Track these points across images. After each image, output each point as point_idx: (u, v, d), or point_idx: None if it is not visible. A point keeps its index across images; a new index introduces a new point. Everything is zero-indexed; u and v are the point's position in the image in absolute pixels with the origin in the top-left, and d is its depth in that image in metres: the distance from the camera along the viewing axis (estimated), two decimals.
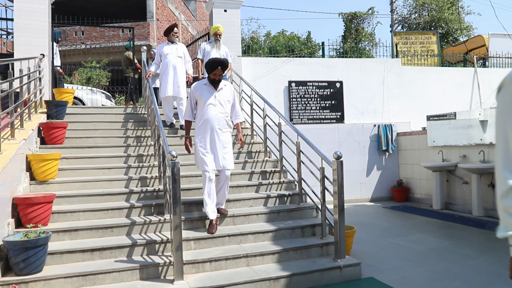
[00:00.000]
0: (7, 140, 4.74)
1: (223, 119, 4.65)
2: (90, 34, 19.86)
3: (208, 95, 4.61)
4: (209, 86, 4.66)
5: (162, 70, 6.84)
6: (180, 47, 7.02)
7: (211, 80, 4.65)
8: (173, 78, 6.77)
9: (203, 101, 4.60)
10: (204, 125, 4.58)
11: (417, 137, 9.13)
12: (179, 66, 6.85)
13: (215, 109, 4.59)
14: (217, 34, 7.28)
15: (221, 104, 4.64)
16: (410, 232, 6.35)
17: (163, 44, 6.98)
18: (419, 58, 11.29)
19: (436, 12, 18.20)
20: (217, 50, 7.27)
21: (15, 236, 3.69)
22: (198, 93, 4.65)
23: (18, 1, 7.42)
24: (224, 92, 4.72)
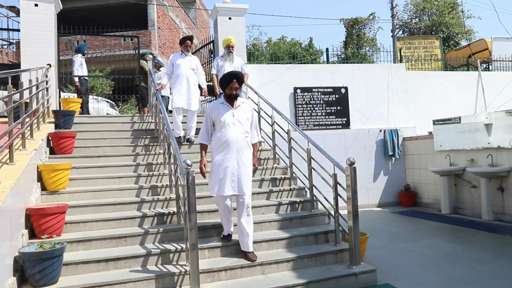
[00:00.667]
0: (18, 150, 4.73)
1: (243, 140, 4.28)
2: (92, 43, 19.92)
3: (225, 114, 4.25)
4: (226, 104, 4.30)
5: (175, 81, 6.67)
6: (194, 59, 6.87)
7: (228, 96, 4.31)
8: (186, 90, 6.60)
9: (220, 121, 4.23)
10: (223, 147, 4.22)
11: (423, 142, 9.12)
12: (192, 78, 6.68)
13: (234, 128, 4.23)
14: (230, 46, 7.08)
15: (240, 123, 4.27)
16: (421, 237, 6.32)
17: (176, 54, 6.83)
18: (422, 63, 11.31)
19: (437, 16, 18.29)
20: (231, 63, 7.08)
21: (30, 247, 3.67)
22: (215, 113, 4.29)
23: (24, 12, 7.46)
24: (243, 110, 4.36)
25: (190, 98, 6.61)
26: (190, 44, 6.82)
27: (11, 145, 4.24)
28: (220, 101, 4.39)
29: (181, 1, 26.44)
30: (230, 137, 4.21)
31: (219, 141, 4.25)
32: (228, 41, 7.10)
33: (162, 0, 21.32)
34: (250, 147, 4.37)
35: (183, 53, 6.79)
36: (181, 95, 6.56)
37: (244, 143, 4.28)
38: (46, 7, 7.60)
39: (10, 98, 4.43)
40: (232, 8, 8.67)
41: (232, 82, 4.26)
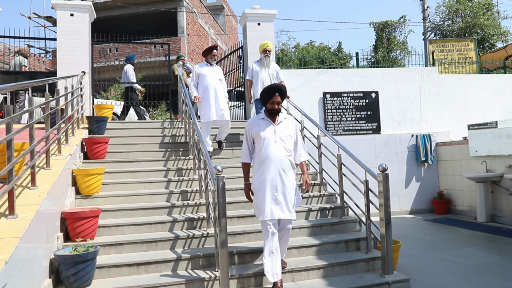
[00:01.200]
0: (54, 155, 4.87)
1: (286, 159, 3.91)
2: (123, 51, 20.43)
3: (266, 130, 3.91)
4: (267, 120, 3.97)
5: (202, 92, 6.48)
6: (219, 70, 6.78)
7: (269, 111, 3.95)
8: (215, 102, 6.43)
9: (261, 138, 3.91)
10: (264, 167, 3.88)
11: (457, 147, 8.84)
12: (220, 89, 6.53)
13: (276, 147, 3.88)
14: (266, 50, 6.97)
15: (282, 140, 3.92)
16: (456, 246, 6.10)
17: (201, 65, 6.67)
18: (456, 66, 10.99)
19: (471, 18, 17.76)
20: (266, 69, 6.94)
21: (65, 250, 3.76)
22: (255, 129, 3.97)
23: (61, 22, 7.73)
24: (285, 126, 4.00)
25: (221, 109, 6.45)
26: (216, 53, 6.73)
27: (48, 150, 4.38)
28: (260, 116, 4.05)
29: (210, 8, 26.80)
30: (271, 156, 3.86)
31: (260, 160, 3.93)
32: (265, 45, 7.01)
33: (192, 7, 21.66)
34: (293, 167, 4.00)
35: (209, 63, 6.64)
36: (211, 108, 6.38)
37: (287, 162, 3.91)
38: (81, 17, 7.85)
39: (47, 105, 4.57)
40: (261, 14, 8.69)
41: (274, 96, 3.89)
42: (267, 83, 6.78)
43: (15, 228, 2.88)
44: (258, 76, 6.90)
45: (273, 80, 6.93)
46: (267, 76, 6.92)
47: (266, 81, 6.84)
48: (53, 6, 7.79)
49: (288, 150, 3.96)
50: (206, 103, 6.41)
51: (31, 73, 8.76)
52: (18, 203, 3.28)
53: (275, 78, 7.00)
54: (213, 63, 6.66)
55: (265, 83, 6.78)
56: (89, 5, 7.96)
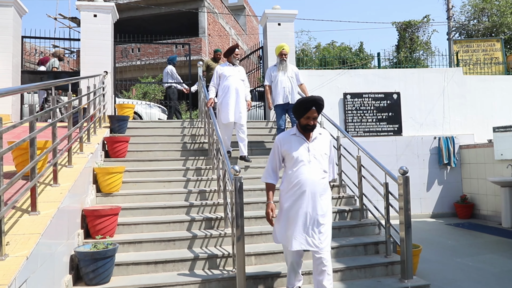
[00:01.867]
0: (76, 154, 4.96)
1: (321, 182, 3.43)
2: (145, 51, 20.71)
3: (299, 149, 3.44)
4: (299, 137, 3.48)
5: (223, 93, 6.28)
6: (242, 70, 6.56)
7: (303, 127, 3.45)
8: (235, 103, 6.22)
9: (292, 158, 3.43)
10: (295, 190, 3.41)
11: (482, 150, 8.61)
12: (241, 90, 6.33)
13: (310, 167, 3.40)
14: (282, 54, 6.64)
15: (317, 160, 3.44)
16: (480, 251, 5.94)
17: (223, 65, 6.50)
18: (482, 67, 10.71)
19: (498, 17, 17.28)
20: (284, 73, 6.64)
21: (85, 247, 3.82)
22: (286, 147, 3.50)
23: (84, 23, 7.87)
24: (320, 143, 3.51)
25: (240, 111, 6.24)
26: (238, 52, 6.51)
27: (70, 148, 4.47)
28: (291, 131, 3.57)
29: (231, 8, 26.89)
30: (304, 178, 3.39)
31: (290, 182, 3.45)
32: (280, 48, 6.68)
33: (213, 7, 21.78)
34: (329, 190, 3.54)
35: (231, 63, 6.46)
36: (230, 108, 6.16)
37: (322, 186, 3.43)
38: (104, 17, 7.99)
39: (69, 104, 4.66)
40: (281, 14, 8.67)
41: (310, 111, 3.36)
42: (287, 87, 6.58)
43: (37, 225, 2.94)
44: (277, 81, 6.63)
45: (294, 83, 6.69)
46: (286, 80, 6.62)
47: (286, 85, 6.59)
48: (77, 7, 7.96)
49: (323, 171, 3.47)
50: (225, 104, 6.21)
51: (55, 73, 8.96)
52: (40, 200, 3.35)
53: (295, 81, 6.74)
54: (236, 62, 6.47)
55: (286, 88, 6.58)
56: (112, 6, 8.09)
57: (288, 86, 6.61)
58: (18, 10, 8.02)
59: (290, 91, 6.62)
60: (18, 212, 3.14)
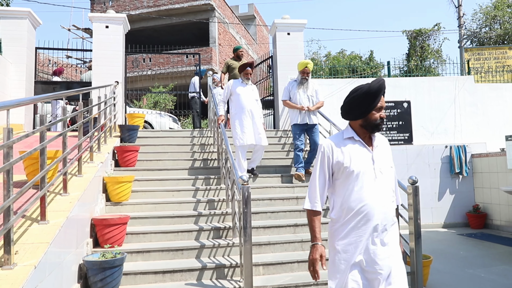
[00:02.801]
0: (86, 163, 5.02)
1: (391, 208, 2.35)
2: (157, 61, 20.96)
3: (360, 159, 2.34)
4: (359, 142, 2.39)
5: (237, 114, 5.98)
6: (255, 89, 6.29)
7: (373, 125, 2.37)
8: (252, 124, 5.94)
9: (351, 173, 2.31)
10: (357, 221, 2.28)
11: (494, 159, 8.49)
12: (256, 110, 6.05)
13: (377, 187, 2.31)
14: (305, 72, 6.25)
15: (383, 175, 2.35)
16: (493, 263, 5.83)
17: (236, 82, 6.19)
18: (493, 75, 10.61)
19: (510, 24, 17.14)
20: (305, 91, 6.30)
21: (93, 256, 3.85)
22: (339, 156, 2.36)
23: (97, 34, 8.01)
24: (384, 151, 2.45)
25: (259, 133, 5.96)
26: (250, 71, 6.15)
27: (80, 158, 4.52)
28: (346, 134, 2.44)
29: (242, 18, 27.12)
30: (370, 203, 2.27)
31: (347, 209, 2.31)
32: (304, 65, 6.25)
33: (224, 17, 21.99)
34: (397, 223, 2.45)
35: (243, 82, 6.16)
36: (247, 131, 5.87)
37: (391, 214, 2.35)
38: (116, 29, 8.12)
39: (80, 114, 4.73)
40: (290, 23, 8.71)
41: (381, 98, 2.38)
42: (302, 102, 6.28)
43: (46, 234, 2.98)
44: (296, 99, 6.27)
45: (312, 102, 6.34)
46: (305, 99, 6.28)
47: (304, 104, 6.27)
48: (90, 19, 8.10)
49: (392, 191, 2.41)
50: (241, 126, 5.91)
51: (67, 83, 9.10)
52: (50, 209, 3.39)
53: (314, 100, 6.37)
54: (248, 82, 6.16)
55: (300, 103, 6.28)
56: (124, 18, 8.23)
57: (306, 104, 6.30)
58: (33, 22, 8.20)
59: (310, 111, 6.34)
60: (28, 221, 3.19)
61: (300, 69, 6.29)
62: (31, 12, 7.99)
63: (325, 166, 2.40)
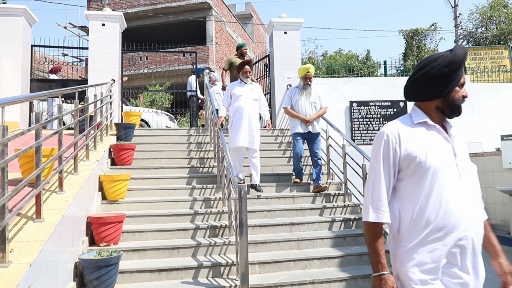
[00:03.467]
0: (82, 161, 5.00)
1: (481, 219, 1.80)
2: (153, 59, 20.91)
3: (439, 150, 1.75)
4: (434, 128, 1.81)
5: (234, 115, 5.74)
6: (255, 88, 5.94)
7: (453, 106, 1.82)
8: (248, 127, 5.64)
9: (429, 170, 1.72)
10: (441, 240, 1.69)
11: (490, 158, 8.53)
12: (254, 112, 5.77)
13: (463, 190, 1.73)
14: (307, 77, 6.04)
15: (468, 175, 1.78)
16: (488, 261, 5.84)
17: (234, 83, 5.97)
18: (489, 74, 10.65)
19: (506, 25, 17.22)
20: (307, 97, 6.02)
21: (89, 254, 3.83)
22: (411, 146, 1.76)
23: (93, 32, 7.98)
24: (462, 144, 1.87)
25: (253, 135, 5.67)
26: (249, 69, 5.87)
27: (75, 156, 4.50)
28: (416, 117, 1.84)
29: (239, 17, 27.10)
30: (457, 213, 1.68)
31: (426, 221, 1.70)
32: (305, 70, 6.04)
33: (220, 16, 21.96)
34: None
35: (242, 81, 5.88)
36: (241, 132, 5.60)
37: (482, 226, 1.77)
38: (112, 27, 8.09)
39: (76, 112, 4.71)
40: (287, 22, 8.71)
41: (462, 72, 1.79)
42: (308, 114, 5.96)
43: (41, 232, 2.96)
44: (298, 106, 5.99)
45: (314, 110, 6.06)
46: (308, 106, 6.00)
47: (307, 111, 5.98)
48: (86, 17, 8.07)
49: (478, 197, 1.80)
50: (237, 127, 5.64)
51: (63, 81, 9.07)
52: (45, 207, 3.38)
53: (317, 107, 6.10)
54: (247, 80, 5.88)
55: (307, 114, 5.96)
56: (120, 16, 8.20)
57: (310, 113, 6.01)
58: (28, 19, 8.15)
59: (310, 116, 6.03)
60: (23, 219, 3.17)
61: (302, 74, 6.08)
62: (27, 10, 7.95)
63: (391, 161, 1.77)
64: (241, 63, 5.87)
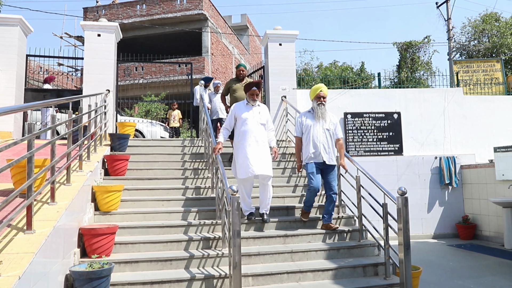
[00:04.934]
0: (75, 171, 4.97)
1: None
2: (149, 69, 20.96)
3: None
4: None
5: (241, 141, 5.17)
6: (263, 111, 5.36)
7: None
8: (256, 153, 5.05)
9: None
10: None
11: (483, 170, 8.57)
12: (262, 137, 5.19)
13: None
14: (320, 96, 5.32)
15: None
16: (482, 274, 5.86)
17: (240, 105, 5.40)
18: (482, 87, 10.76)
19: (498, 38, 17.45)
20: (321, 123, 5.27)
21: (80, 266, 3.79)
22: None
23: (88, 42, 8.00)
24: None
25: (265, 161, 5.07)
26: (257, 92, 5.33)
27: (68, 166, 4.47)
28: None
29: (234, 28, 27.29)
30: None
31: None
32: (317, 90, 5.35)
33: (216, 27, 22.09)
34: None
35: (249, 103, 5.34)
36: (251, 160, 4.98)
37: None
38: (108, 37, 8.11)
39: (70, 122, 4.70)
40: (282, 34, 8.78)
41: None
42: (324, 142, 5.22)
43: (31, 243, 2.93)
44: (310, 133, 5.25)
45: (330, 138, 5.30)
46: (321, 133, 5.25)
47: (321, 139, 5.22)
48: (82, 27, 8.10)
49: None
50: (244, 154, 5.06)
51: (58, 91, 9.05)
52: (36, 218, 3.35)
53: (333, 135, 5.36)
54: (254, 103, 5.32)
55: (322, 143, 5.21)
56: (116, 26, 8.23)
57: (325, 142, 5.25)
58: (24, 29, 8.16)
59: (327, 148, 5.26)
60: (14, 230, 3.14)
61: (314, 95, 5.39)
62: (22, 20, 7.96)
63: None
64: (249, 84, 5.36)
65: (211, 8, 21.58)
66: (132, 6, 21.41)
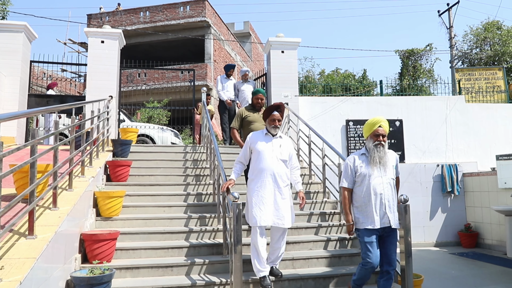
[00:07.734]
0: (77, 177, 4.99)
1: None
2: (152, 76, 21.04)
3: None
4: None
5: (255, 179, 4.18)
6: (285, 143, 4.33)
7: None
8: (273, 197, 4.07)
9: None
10: None
11: (485, 178, 8.55)
12: (283, 176, 4.17)
13: None
14: (379, 134, 3.92)
15: None
16: (484, 282, 5.83)
17: (257, 134, 4.38)
18: (484, 95, 10.77)
19: (500, 46, 17.48)
20: (382, 170, 3.87)
21: (81, 272, 3.79)
22: None
23: (92, 48, 8.05)
24: None
25: (282, 210, 4.07)
26: (279, 117, 4.32)
27: (71, 172, 4.49)
28: None
29: (237, 35, 27.42)
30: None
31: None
32: (375, 125, 3.97)
33: (219, 34, 22.21)
34: None
35: (268, 133, 4.33)
36: (265, 206, 4.02)
37: None
38: (111, 44, 8.17)
39: (73, 128, 4.72)
40: (285, 42, 8.83)
41: None
42: (385, 195, 3.84)
43: (33, 249, 2.94)
44: (369, 184, 3.85)
45: (393, 190, 3.94)
46: (384, 184, 3.87)
47: (384, 192, 3.84)
48: (86, 33, 8.16)
49: None
50: (259, 199, 4.06)
51: (61, 96, 9.10)
52: (38, 224, 3.36)
53: (393, 180, 3.97)
54: (275, 132, 4.31)
55: (382, 196, 3.83)
56: (119, 33, 8.29)
57: (387, 194, 3.87)
58: (28, 35, 8.23)
59: (392, 205, 3.90)
60: (15, 235, 3.15)
61: (369, 132, 4.01)
62: (27, 26, 8.03)
63: None
64: (270, 107, 4.36)
65: (214, 15, 21.71)
66: (135, 13, 21.55)
